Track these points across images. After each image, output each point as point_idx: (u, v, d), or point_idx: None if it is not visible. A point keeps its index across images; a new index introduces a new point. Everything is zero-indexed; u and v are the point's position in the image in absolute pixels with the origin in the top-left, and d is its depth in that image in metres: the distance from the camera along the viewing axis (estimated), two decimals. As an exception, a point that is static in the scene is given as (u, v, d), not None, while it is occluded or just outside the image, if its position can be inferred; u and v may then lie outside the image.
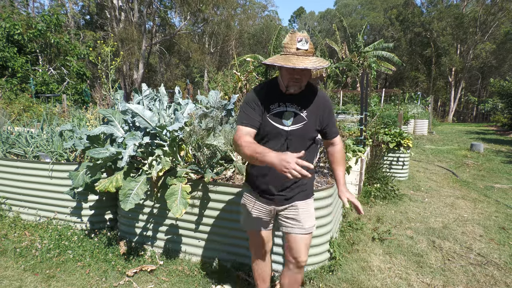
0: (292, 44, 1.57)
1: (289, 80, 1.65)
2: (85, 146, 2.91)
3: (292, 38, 1.58)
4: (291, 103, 1.72)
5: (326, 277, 2.57)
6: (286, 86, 1.68)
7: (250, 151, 1.52)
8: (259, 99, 1.71)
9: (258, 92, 1.73)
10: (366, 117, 5.75)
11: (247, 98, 1.73)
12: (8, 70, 12.52)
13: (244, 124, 1.68)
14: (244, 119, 1.69)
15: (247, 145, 1.55)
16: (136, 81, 22.88)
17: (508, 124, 16.92)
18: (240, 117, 1.71)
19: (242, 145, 1.57)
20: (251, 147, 1.53)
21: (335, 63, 21.74)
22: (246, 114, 1.69)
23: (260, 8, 38.97)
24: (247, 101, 1.73)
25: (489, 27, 27.87)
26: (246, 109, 1.71)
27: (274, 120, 1.71)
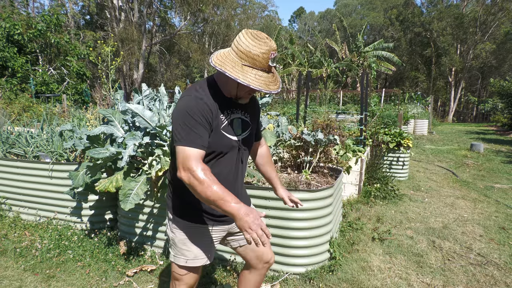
0: (264, 59, 1.26)
1: (245, 94, 1.39)
2: (85, 146, 2.91)
3: (264, 50, 1.25)
4: (236, 108, 1.46)
5: (326, 277, 2.57)
6: (237, 97, 1.41)
7: (215, 195, 1.20)
8: (207, 111, 1.31)
9: (202, 101, 1.32)
10: (366, 117, 5.75)
11: (190, 110, 1.28)
12: (8, 70, 12.52)
13: (195, 145, 1.26)
14: (195, 140, 1.27)
15: (211, 184, 1.21)
16: (136, 81, 22.89)
17: (508, 124, 16.92)
18: (186, 136, 1.26)
19: (204, 183, 1.21)
20: (216, 189, 1.21)
21: (335, 63, 21.74)
22: (195, 132, 1.27)
23: (260, 8, 39.01)
24: (192, 114, 1.28)
25: (489, 27, 27.88)
26: (193, 125, 1.27)
27: (227, 132, 1.41)
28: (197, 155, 1.26)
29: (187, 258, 1.53)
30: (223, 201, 1.20)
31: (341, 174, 3.27)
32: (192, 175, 1.23)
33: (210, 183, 1.21)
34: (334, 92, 18.73)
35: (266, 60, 1.27)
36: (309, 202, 2.55)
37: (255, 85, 1.25)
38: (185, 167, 1.25)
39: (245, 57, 1.26)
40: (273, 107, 12.73)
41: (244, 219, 1.17)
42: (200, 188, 1.22)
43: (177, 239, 1.52)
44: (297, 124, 5.04)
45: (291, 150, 3.55)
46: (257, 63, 1.26)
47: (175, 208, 1.52)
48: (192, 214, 1.49)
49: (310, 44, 25.95)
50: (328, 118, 4.40)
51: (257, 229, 1.16)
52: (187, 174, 1.24)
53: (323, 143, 3.31)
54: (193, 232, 1.52)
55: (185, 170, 1.25)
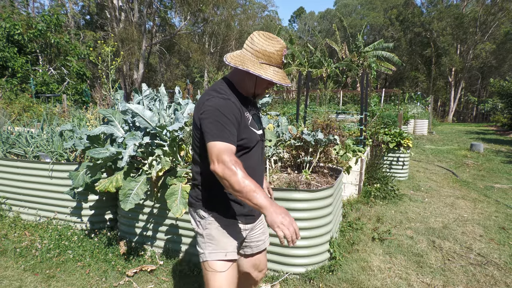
0: (278, 56, 1.40)
1: (263, 90, 1.51)
2: (85, 146, 2.91)
3: (277, 48, 1.40)
4: (251, 106, 1.57)
5: (326, 277, 2.57)
6: (256, 94, 1.51)
7: (246, 187, 1.23)
8: (236, 109, 1.39)
9: (230, 100, 1.40)
10: (366, 117, 5.75)
11: (222, 108, 1.35)
12: (8, 70, 12.52)
13: (228, 141, 1.31)
14: (227, 136, 1.32)
15: (244, 176, 1.25)
16: (136, 81, 22.89)
17: (508, 124, 16.92)
18: (219, 132, 1.32)
19: (237, 174, 1.25)
20: (249, 182, 1.25)
21: (335, 63, 21.74)
22: (227, 129, 1.33)
23: (260, 8, 38.99)
24: (224, 112, 1.34)
25: (489, 27, 27.88)
26: (225, 123, 1.33)
27: (254, 127, 1.51)
28: (230, 149, 1.31)
29: (227, 250, 1.49)
30: (255, 193, 1.22)
31: (341, 174, 3.27)
32: (227, 167, 1.26)
33: (243, 175, 1.25)
34: (334, 92, 18.73)
35: (280, 57, 1.41)
36: (309, 202, 2.55)
37: (276, 80, 1.38)
38: (219, 160, 1.28)
39: (262, 56, 1.38)
40: (273, 107, 12.73)
41: (276, 214, 1.19)
42: (234, 179, 1.24)
43: (214, 232, 1.49)
44: (297, 124, 5.03)
45: (291, 150, 3.55)
46: (273, 60, 1.40)
47: (207, 204, 1.51)
48: (225, 208, 1.51)
49: (310, 44, 25.95)
50: (328, 118, 4.40)
51: (289, 226, 1.18)
52: (221, 166, 1.27)
53: (323, 143, 3.31)
54: (228, 225, 1.52)
55: (219, 163, 1.28)
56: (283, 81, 1.40)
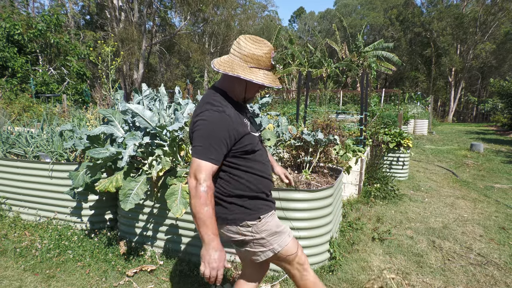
0: (267, 59, 1.42)
1: (253, 94, 1.53)
2: (85, 146, 2.91)
3: (267, 52, 1.41)
4: (245, 110, 1.61)
5: (326, 277, 2.57)
6: (247, 99, 1.54)
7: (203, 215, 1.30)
8: (230, 124, 1.39)
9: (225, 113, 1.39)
10: (366, 117, 5.75)
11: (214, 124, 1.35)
12: (8, 70, 12.52)
13: (210, 160, 1.34)
14: (211, 155, 1.34)
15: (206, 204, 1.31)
16: (136, 81, 22.88)
17: (508, 124, 16.93)
18: (204, 150, 1.34)
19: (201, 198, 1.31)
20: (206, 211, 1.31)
21: (335, 63, 21.74)
22: (213, 147, 1.34)
23: (260, 8, 38.99)
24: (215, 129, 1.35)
25: (489, 27, 27.88)
26: (213, 140, 1.35)
27: (253, 131, 1.55)
28: (209, 169, 1.34)
29: (287, 232, 1.61)
30: (205, 225, 1.30)
31: (341, 174, 3.27)
32: (197, 186, 1.32)
33: (206, 201, 1.31)
34: (334, 92, 18.73)
35: (269, 59, 1.42)
36: (309, 202, 2.55)
37: (267, 83, 1.39)
38: (195, 176, 1.33)
39: (250, 60, 1.39)
40: (273, 107, 12.74)
41: (210, 252, 1.29)
42: (195, 201, 1.31)
43: (270, 230, 1.54)
44: (297, 124, 5.03)
45: (291, 150, 3.55)
46: (262, 63, 1.41)
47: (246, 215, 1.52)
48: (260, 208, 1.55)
49: (310, 44, 25.94)
50: (328, 118, 4.40)
51: (213, 269, 1.28)
52: (194, 182, 1.33)
53: (323, 143, 3.31)
54: (272, 216, 1.60)
55: (192, 178, 1.34)
56: (274, 83, 1.41)
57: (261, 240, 1.55)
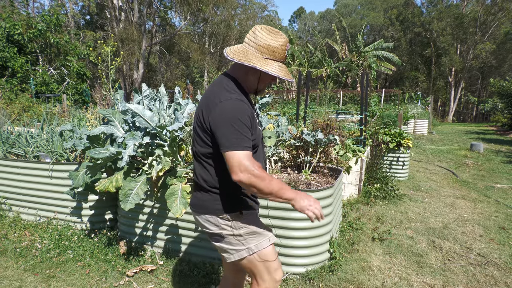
0: (282, 51, 1.40)
1: (265, 86, 1.50)
2: (85, 146, 2.91)
3: (283, 44, 1.39)
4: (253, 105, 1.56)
5: (326, 277, 2.57)
6: (258, 90, 1.50)
7: (275, 187, 1.31)
8: (250, 112, 1.39)
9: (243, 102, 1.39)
10: (366, 117, 5.75)
11: (239, 113, 1.34)
12: (8, 70, 12.52)
13: (245, 148, 1.32)
14: (244, 143, 1.32)
15: (271, 178, 1.32)
16: (136, 81, 22.88)
17: (508, 124, 16.93)
18: (237, 141, 1.31)
19: (265, 178, 1.29)
20: (275, 181, 1.32)
21: (335, 63, 21.74)
22: (244, 135, 1.33)
23: (260, 8, 38.97)
24: (241, 118, 1.33)
25: (489, 27, 27.88)
26: (242, 129, 1.33)
27: (259, 125, 1.55)
28: (249, 155, 1.33)
29: (268, 236, 1.56)
30: (283, 190, 1.32)
31: (341, 174, 3.27)
32: (252, 175, 1.28)
33: (269, 177, 1.31)
34: (334, 92, 18.73)
35: (284, 51, 1.40)
36: (309, 202, 2.54)
37: (282, 75, 1.37)
38: (242, 169, 1.29)
39: (266, 51, 1.37)
40: (273, 107, 12.73)
41: (303, 200, 1.33)
42: (263, 184, 1.29)
43: (249, 228, 1.51)
44: (297, 124, 5.03)
45: (291, 150, 3.55)
46: (277, 55, 1.38)
47: (230, 206, 1.49)
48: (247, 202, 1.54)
49: (310, 44, 25.95)
50: (328, 118, 4.40)
51: (315, 207, 1.35)
52: (246, 175, 1.29)
53: (323, 143, 3.31)
54: (255, 214, 1.58)
55: (243, 172, 1.29)
56: (288, 76, 1.39)
57: (239, 237, 1.51)
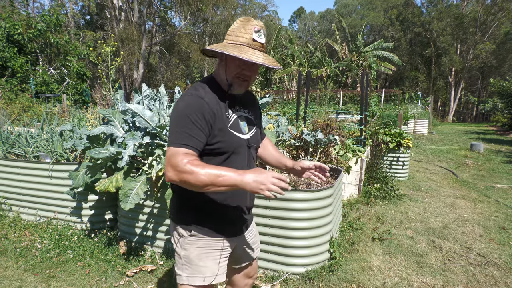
0: (246, 33, 1.24)
1: (236, 78, 1.29)
2: (85, 146, 2.91)
3: (247, 26, 1.25)
4: (239, 106, 1.40)
5: (326, 277, 2.57)
6: (230, 84, 1.31)
7: (209, 177, 1.12)
8: (208, 110, 1.23)
9: (203, 100, 1.24)
10: (366, 117, 5.76)
11: (188, 109, 1.21)
12: (8, 70, 12.52)
13: (183, 146, 1.18)
14: (184, 140, 1.19)
15: (201, 170, 1.12)
16: (136, 81, 22.89)
17: (508, 124, 16.93)
18: (177, 137, 1.19)
19: (193, 171, 1.12)
20: (207, 171, 1.12)
21: (335, 63, 21.75)
22: (187, 133, 1.19)
23: (260, 8, 39.00)
24: (189, 114, 1.20)
25: (489, 27, 27.88)
26: (186, 126, 1.19)
27: (236, 130, 1.33)
28: (184, 152, 1.18)
29: (205, 275, 1.36)
30: (223, 177, 1.12)
31: (341, 174, 3.27)
32: (180, 170, 1.14)
33: (199, 168, 1.13)
34: (334, 92, 18.73)
35: (249, 34, 1.24)
36: (309, 202, 2.55)
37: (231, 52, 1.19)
38: (170, 166, 1.16)
39: (230, 37, 1.27)
40: (273, 107, 12.73)
41: (251, 182, 1.11)
42: (193, 178, 1.13)
43: (193, 254, 1.35)
44: (297, 124, 5.04)
45: (291, 150, 3.55)
46: (241, 39, 1.24)
47: (187, 220, 1.36)
48: (206, 222, 1.36)
49: (310, 44, 25.95)
50: (328, 118, 4.40)
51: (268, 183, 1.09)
52: (174, 172, 1.16)
53: (323, 143, 3.31)
54: (209, 246, 1.37)
55: (169, 170, 1.17)
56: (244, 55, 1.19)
57: (179, 259, 1.38)
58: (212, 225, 1.36)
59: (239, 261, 1.59)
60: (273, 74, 21.59)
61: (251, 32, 1.24)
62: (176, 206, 1.41)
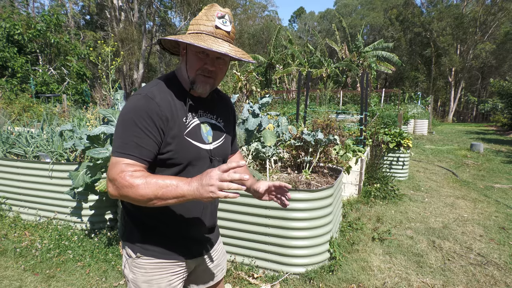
0: (209, 20, 1.06)
1: (199, 73, 1.10)
2: (85, 146, 2.91)
3: (209, 13, 1.07)
4: (204, 111, 1.19)
5: (326, 277, 2.57)
6: (191, 81, 1.11)
7: (150, 189, 0.94)
8: (158, 113, 1.04)
9: (154, 101, 1.05)
10: (366, 117, 5.76)
11: (135, 113, 1.03)
12: (8, 70, 12.53)
13: (127, 155, 1.01)
14: (129, 149, 1.01)
15: (140, 181, 0.96)
16: (136, 81, 22.89)
17: (508, 124, 16.93)
18: (121, 145, 1.02)
19: (133, 184, 0.95)
20: (148, 182, 0.95)
21: (335, 63, 21.75)
22: (132, 141, 1.01)
23: (260, 8, 39.01)
24: (136, 118, 1.02)
25: (489, 27, 27.89)
26: (134, 132, 1.01)
27: (194, 139, 1.13)
28: (125, 163, 1.01)
29: None
30: (166, 188, 0.95)
31: (341, 174, 3.27)
32: (119, 185, 0.97)
33: (139, 180, 0.96)
34: (334, 92, 18.74)
35: (211, 21, 1.06)
36: (309, 202, 2.55)
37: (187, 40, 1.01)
38: (109, 178, 1.00)
39: (191, 26, 1.09)
40: (273, 107, 12.74)
41: (200, 191, 0.92)
42: (133, 192, 0.96)
43: (140, 280, 1.17)
44: (297, 124, 5.04)
45: (291, 150, 3.55)
46: (202, 27, 1.06)
47: (133, 240, 1.17)
48: (157, 245, 1.17)
49: (310, 44, 25.96)
50: (328, 118, 4.40)
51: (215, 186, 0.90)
52: (113, 186, 0.99)
53: (323, 143, 3.31)
54: (160, 269, 1.18)
55: (110, 184, 1.00)
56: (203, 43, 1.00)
57: (127, 281, 1.22)
58: (164, 245, 1.17)
59: (200, 282, 1.38)
60: (273, 74, 21.60)
61: (214, 18, 1.06)
62: (123, 221, 1.22)
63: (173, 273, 1.20)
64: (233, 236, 2.70)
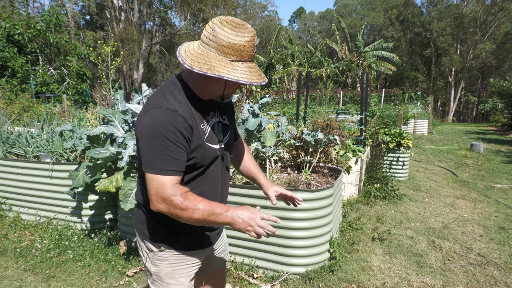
0: (250, 48, 1.09)
1: (234, 91, 1.19)
2: (85, 146, 2.91)
3: (250, 40, 1.09)
4: (213, 112, 1.26)
5: (326, 277, 2.57)
6: (225, 97, 1.19)
7: (203, 215, 1.07)
8: (185, 126, 1.09)
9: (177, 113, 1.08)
10: (366, 117, 5.76)
11: (163, 127, 1.06)
12: (8, 70, 12.53)
13: (170, 173, 1.07)
14: (169, 165, 1.07)
15: (195, 206, 1.06)
16: (136, 81, 22.89)
17: (508, 124, 16.93)
18: (159, 161, 1.06)
19: (188, 208, 1.05)
20: (203, 207, 1.07)
21: (335, 63, 21.76)
22: (170, 156, 1.07)
23: (260, 8, 39.01)
24: (166, 133, 1.05)
25: (489, 27, 27.91)
26: (167, 147, 1.06)
27: (212, 142, 1.21)
28: (174, 181, 1.08)
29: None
30: (215, 215, 1.08)
31: (341, 174, 3.27)
32: (172, 205, 1.06)
33: (194, 205, 1.06)
34: (334, 92, 18.74)
35: (252, 48, 1.10)
36: (309, 202, 2.55)
37: (255, 81, 1.08)
38: (161, 198, 1.07)
39: (231, 51, 1.06)
40: (273, 107, 12.74)
41: (240, 222, 1.09)
42: (186, 214, 1.06)
43: (163, 272, 1.27)
44: (297, 124, 5.04)
45: (291, 150, 3.55)
46: (244, 54, 1.08)
47: (155, 235, 1.26)
48: (177, 237, 1.26)
49: (310, 44, 25.96)
50: (328, 118, 4.40)
51: (256, 226, 1.08)
52: (166, 206, 1.07)
53: (323, 143, 3.31)
54: (181, 261, 1.28)
55: (161, 202, 1.07)
56: (260, 78, 1.10)
57: (149, 275, 1.31)
58: (184, 239, 1.26)
59: (209, 269, 1.52)
60: (273, 74, 21.60)
61: (253, 46, 1.10)
62: (143, 219, 1.28)
63: (192, 264, 1.32)
64: (233, 236, 2.70)
